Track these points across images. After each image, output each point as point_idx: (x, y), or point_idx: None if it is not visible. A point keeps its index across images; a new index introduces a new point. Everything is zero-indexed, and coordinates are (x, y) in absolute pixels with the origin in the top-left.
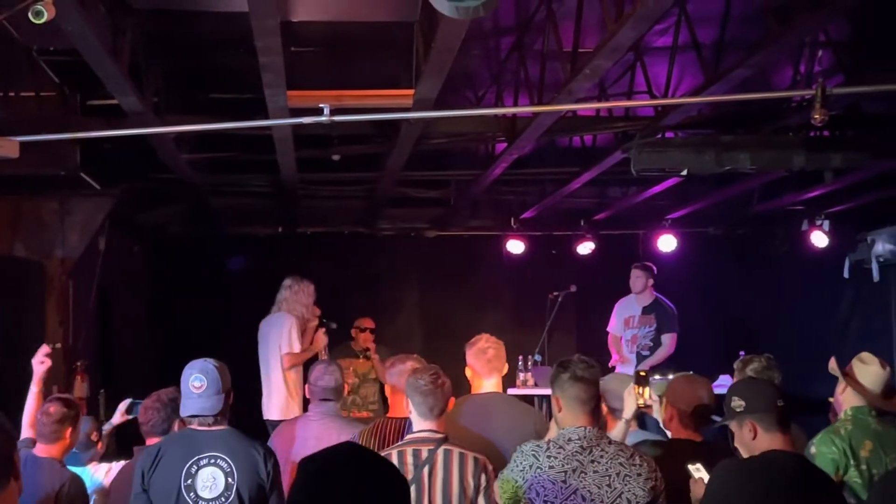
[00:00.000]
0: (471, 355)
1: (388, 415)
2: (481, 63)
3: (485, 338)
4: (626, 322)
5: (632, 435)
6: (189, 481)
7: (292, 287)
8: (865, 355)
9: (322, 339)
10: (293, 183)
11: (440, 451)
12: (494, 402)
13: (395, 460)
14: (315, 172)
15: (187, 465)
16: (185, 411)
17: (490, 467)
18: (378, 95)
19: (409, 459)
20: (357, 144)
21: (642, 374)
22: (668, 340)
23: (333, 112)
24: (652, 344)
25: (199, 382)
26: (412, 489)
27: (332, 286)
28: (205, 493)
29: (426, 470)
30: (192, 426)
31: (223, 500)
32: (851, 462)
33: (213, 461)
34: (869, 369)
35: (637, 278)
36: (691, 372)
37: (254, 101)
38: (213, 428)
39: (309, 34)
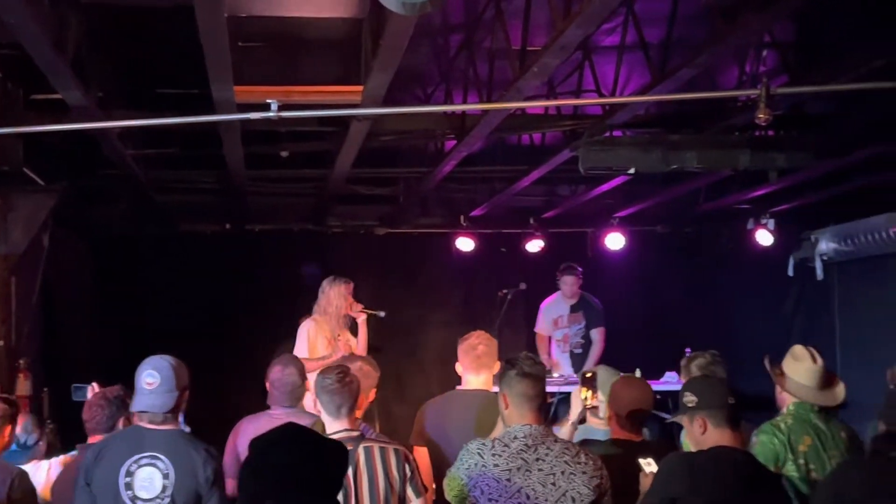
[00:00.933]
0: (461, 351)
1: None
2: (430, 60)
3: (476, 335)
4: (554, 322)
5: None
6: (128, 479)
7: (323, 289)
8: (798, 350)
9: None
10: (241, 180)
11: (360, 450)
12: (477, 398)
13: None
14: (263, 169)
15: (127, 464)
16: (135, 406)
17: (412, 456)
18: (326, 91)
19: None
20: (306, 141)
21: (588, 375)
22: (598, 336)
23: (281, 108)
24: (583, 341)
25: (151, 379)
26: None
27: (280, 284)
28: (142, 493)
29: (350, 471)
30: (142, 423)
31: (158, 501)
32: (790, 456)
33: (151, 461)
34: (802, 366)
35: (572, 284)
36: (638, 372)
37: (201, 97)
38: (161, 427)
39: (256, 29)
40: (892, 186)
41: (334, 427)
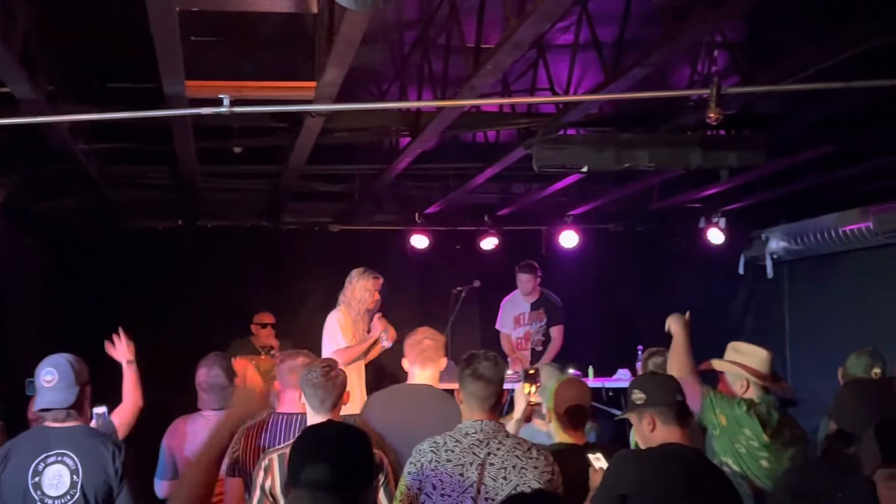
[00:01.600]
0: (407, 346)
1: (278, 410)
2: (385, 57)
3: (422, 330)
4: (516, 320)
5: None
6: (36, 479)
7: (351, 279)
8: (741, 346)
9: (378, 325)
10: (193, 175)
11: None
12: (422, 393)
13: (282, 461)
14: (216, 164)
15: (35, 463)
16: (37, 405)
17: (386, 461)
18: (279, 87)
19: None
20: (259, 137)
21: (531, 372)
22: (557, 333)
23: (233, 103)
24: (544, 339)
25: (49, 376)
26: None
27: (233, 281)
28: (51, 492)
29: None
30: (46, 423)
31: (68, 498)
32: (742, 437)
33: (59, 458)
34: (752, 350)
35: (527, 282)
36: (591, 369)
37: (152, 91)
38: (65, 424)
39: (209, 23)
40: (840, 186)
41: (314, 420)
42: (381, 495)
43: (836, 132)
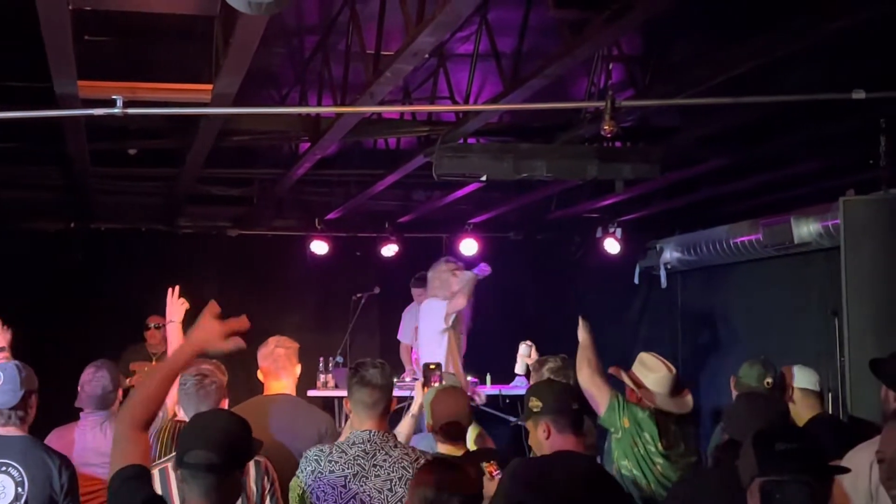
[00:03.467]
0: (261, 357)
1: (176, 419)
2: (285, 61)
3: (274, 340)
4: (417, 331)
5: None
6: None
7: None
8: (648, 359)
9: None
10: (86, 177)
11: None
12: (280, 403)
13: (163, 475)
14: (110, 166)
15: None
16: None
17: (272, 469)
18: (175, 89)
19: None
20: (155, 139)
21: (432, 367)
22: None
23: (127, 104)
24: None
25: None
26: None
27: (127, 286)
28: None
29: None
30: None
31: None
32: (640, 440)
33: (4, 469)
34: (654, 375)
35: (420, 295)
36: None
37: (44, 91)
38: (8, 430)
39: (104, 23)
40: (732, 199)
41: None
42: (268, 501)
43: (729, 146)
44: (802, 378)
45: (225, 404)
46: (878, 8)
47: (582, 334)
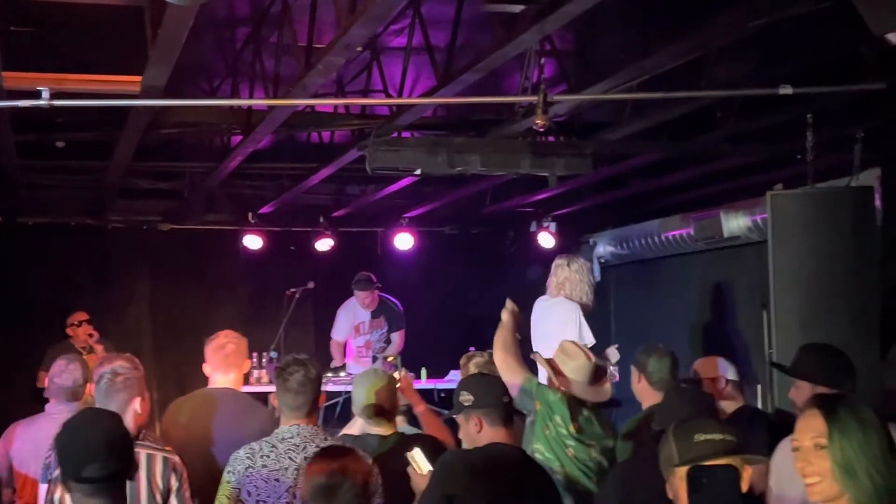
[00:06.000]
0: (209, 351)
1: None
2: (216, 53)
3: (224, 333)
4: (356, 329)
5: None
6: None
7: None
8: (569, 346)
9: None
10: (12, 170)
11: None
12: (226, 398)
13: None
14: (37, 159)
15: None
16: None
17: (181, 466)
18: (103, 81)
19: None
20: (83, 131)
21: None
22: (398, 338)
23: (54, 96)
24: (385, 345)
25: None
26: None
27: (56, 281)
28: None
29: None
30: None
31: None
32: (552, 422)
33: None
34: (574, 362)
35: (364, 298)
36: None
37: None
38: None
39: (30, 13)
40: (664, 193)
41: None
42: (174, 501)
43: (660, 141)
44: (729, 370)
45: (136, 402)
46: (804, 4)
47: (504, 315)
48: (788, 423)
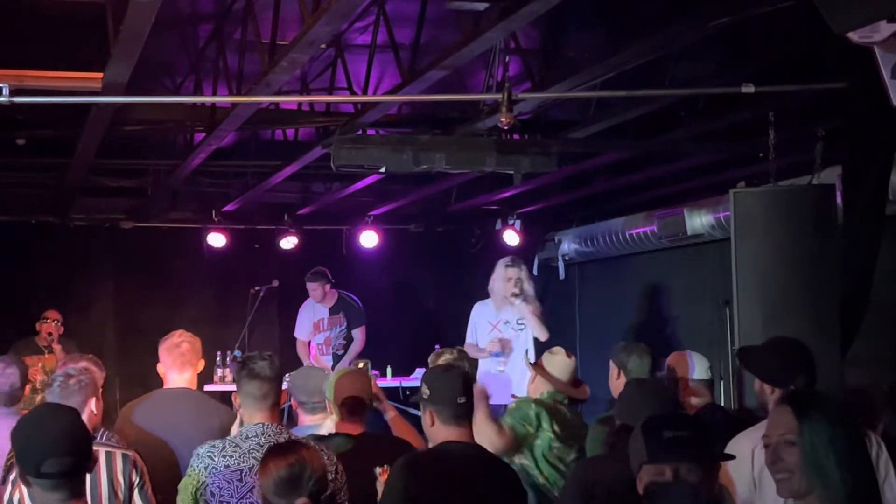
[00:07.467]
0: (163, 350)
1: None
2: (179, 50)
3: (178, 333)
4: (315, 326)
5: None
6: None
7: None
8: (555, 348)
9: None
10: None
11: None
12: (182, 397)
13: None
14: None
15: None
16: None
17: (141, 462)
18: (64, 77)
19: None
20: (44, 128)
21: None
22: (359, 335)
23: (14, 92)
24: (345, 342)
25: None
26: None
27: (17, 280)
28: None
29: None
30: None
31: None
32: (541, 427)
33: None
34: (556, 359)
35: (315, 290)
36: (389, 368)
37: None
38: None
39: None
40: (628, 191)
41: None
42: (137, 498)
43: (624, 139)
44: (698, 366)
45: (91, 403)
46: (765, 4)
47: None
48: (752, 420)
